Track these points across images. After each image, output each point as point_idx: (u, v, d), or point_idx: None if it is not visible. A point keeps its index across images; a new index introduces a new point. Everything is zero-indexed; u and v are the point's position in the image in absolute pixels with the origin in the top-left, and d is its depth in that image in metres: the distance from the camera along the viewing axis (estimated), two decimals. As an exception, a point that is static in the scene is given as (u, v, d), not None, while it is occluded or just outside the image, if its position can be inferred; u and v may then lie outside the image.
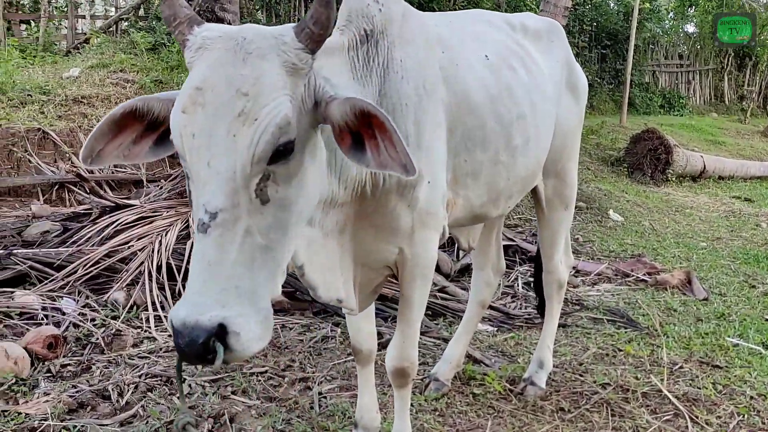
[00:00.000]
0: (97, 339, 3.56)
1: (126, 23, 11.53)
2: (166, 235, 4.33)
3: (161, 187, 5.23)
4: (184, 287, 4.10)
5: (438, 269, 4.72)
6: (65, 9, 12.44)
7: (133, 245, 4.29)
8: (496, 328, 4.04)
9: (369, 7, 1.99)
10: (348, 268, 2.09)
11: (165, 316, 3.88)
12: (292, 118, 1.41)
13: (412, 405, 2.96)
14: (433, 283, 4.51)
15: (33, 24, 12.22)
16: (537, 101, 2.55)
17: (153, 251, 4.20)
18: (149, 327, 3.79)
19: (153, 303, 3.97)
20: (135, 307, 3.94)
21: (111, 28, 11.32)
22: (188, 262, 4.00)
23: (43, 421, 2.76)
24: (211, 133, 1.37)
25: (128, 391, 3.06)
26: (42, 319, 3.75)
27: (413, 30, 2.10)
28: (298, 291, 4.13)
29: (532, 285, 4.81)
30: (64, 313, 3.81)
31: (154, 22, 10.88)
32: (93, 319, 3.77)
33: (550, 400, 3.13)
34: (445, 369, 3.17)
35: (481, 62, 2.35)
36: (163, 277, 4.10)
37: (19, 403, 2.92)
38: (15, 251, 4.22)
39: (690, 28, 22.55)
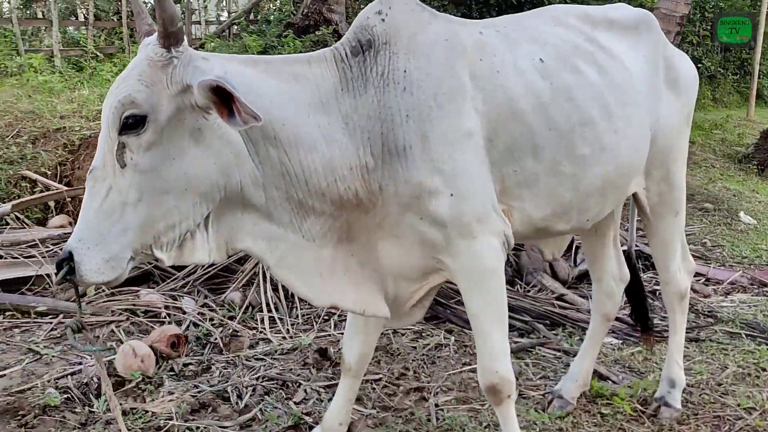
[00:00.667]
0: (216, 339, 3.64)
1: (237, 27, 11.94)
2: (279, 236, 4.38)
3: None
4: (297, 289, 4.13)
5: (555, 276, 4.51)
6: (182, 16, 13.06)
7: (248, 246, 4.37)
8: (621, 341, 3.78)
9: (368, 19, 2.06)
10: (368, 279, 2.13)
11: (279, 318, 3.92)
12: (141, 98, 1.73)
13: (534, 423, 2.81)
14: (550, 291, 4.31)
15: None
16: (614, 104, 2.30)
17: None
18: (264, 328, 3.84)
19: (267, 304, 4.02)
20: (250, 308, 4.00)
21: (224, 33, 11.76)
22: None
23: (168, 420, 2.83)
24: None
25: (246, 393, 3.09)
26: (165, 317, 3.88)
27: (430, 40, 2.06)
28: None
29: (658, 293, 4.51)
30: (184, 312, 3.94)
31: (264, 26, 11.18)
32: (211, 319, 3.86)
33: (688, 424, 2.87)
34: (570, 387, 2.98)
35: (533, 66, 2.18)
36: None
37: (146, 401, 3.01)
38: (140, 251, 4.40)
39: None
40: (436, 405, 3.01)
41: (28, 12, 13.38)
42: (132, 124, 1.74)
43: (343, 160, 1.96)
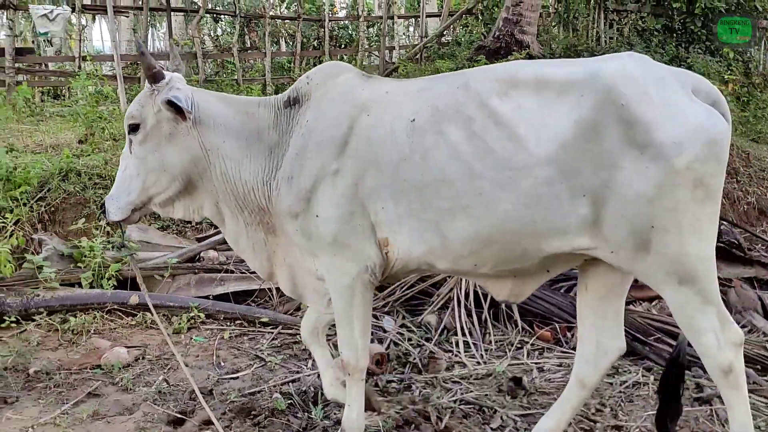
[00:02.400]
0: (415, 359, 3.90)
1: (429, 51, 12.40)
2: (473, 262, 4.55)
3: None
4: (490, 315, 4.29)
5: (766, 314, 4.21)
6: (377, 39, 13.84)
7: (444, 271, 4.59)
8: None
9: (300, 82, 2.85)
10: (291, 268, 2.93)
11: (473, 343, 4.09)
12: (137, 114, 2.80)
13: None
14: (762, 333, 4.03)
15: (347, 57, 13.79)
16: (483, 169, 2.43)
17: (461, 278, 4.45)
18: (459, 352, 4.03)
19: (462, 328, 4.21)
20: (445, 331, 4.22)
21: (416, 56, 12.27)
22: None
23: (376, 433, 3.11)
24: None
25: (446, 415, 3.29)
26: (368, 334, 4.22)
27: (332, 98, 2.71)
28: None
29: None
30: (384, 331, 4.25)
31: (455, 48, 11.51)
32: (410, 339, 4.14)
33: None
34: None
35: (404, 125, 2.57)
36: (470, 304, 4.33)
37: (356, 414, 3.32)
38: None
39: None
40: (636, 447, 2.99)
41: (241, 41, 14.91)
42: (132, 129, 2.82)
43: (259, 175, 2.79)
